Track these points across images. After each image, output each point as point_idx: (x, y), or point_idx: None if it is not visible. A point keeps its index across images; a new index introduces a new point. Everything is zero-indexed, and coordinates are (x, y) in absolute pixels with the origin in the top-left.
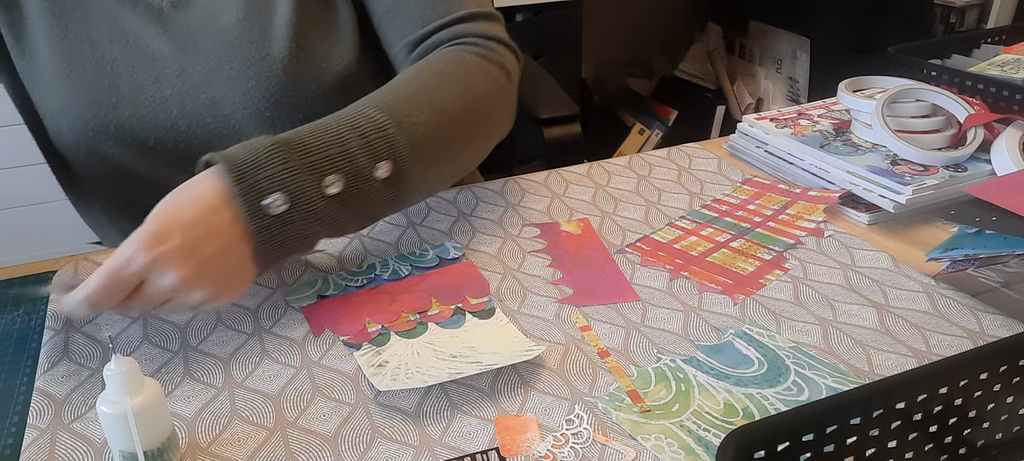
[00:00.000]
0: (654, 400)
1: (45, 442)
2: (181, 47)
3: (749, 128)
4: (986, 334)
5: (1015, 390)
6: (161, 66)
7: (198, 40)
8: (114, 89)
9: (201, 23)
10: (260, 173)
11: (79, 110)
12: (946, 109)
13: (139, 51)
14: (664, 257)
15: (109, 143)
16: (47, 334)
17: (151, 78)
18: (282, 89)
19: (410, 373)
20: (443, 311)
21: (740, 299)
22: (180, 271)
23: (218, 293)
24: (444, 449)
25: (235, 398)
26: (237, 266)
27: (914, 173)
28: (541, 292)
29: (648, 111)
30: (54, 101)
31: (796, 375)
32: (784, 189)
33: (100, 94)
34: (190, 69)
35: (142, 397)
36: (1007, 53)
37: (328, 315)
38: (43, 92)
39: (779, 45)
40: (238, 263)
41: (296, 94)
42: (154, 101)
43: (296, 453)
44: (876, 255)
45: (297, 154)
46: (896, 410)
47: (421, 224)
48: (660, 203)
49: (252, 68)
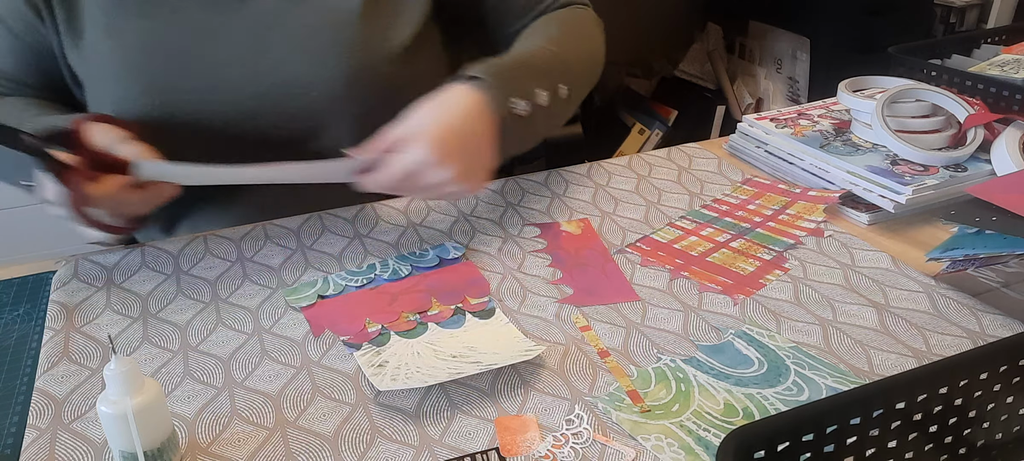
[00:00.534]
0: (654, 400)
1: (45, 442)
2: (252, 31)
3: (749, 128)
4: (986, 334)
5: (1015, 390)
6: (232, 50)
7: (270, 24)
8: (183, 74)
9: (271, 7)
10: (506, 86)
11: (145, 96)
12: (946, 109)
13: (207, 36)
14: (664, 257)
15: (173, 128)
16: (47, 334)
17: (221, 61)
18: (356, 68)
19: (410, 373)
20: (443, 311)
21: (740, 299)
22: (457, 168)
23: (474, 184)
24: (444, 449)
25: (235, 398)
26: (487, 161)
27: (914, 173)
28: (541, 292)
29: (648, 111)
30: (116, 89)
31: (796, 375)
32: (784, 189)
33: (169, 80)
34: (263, 52)
35: (142, 397)
36: (1007, 53)
37: (328, 315)
38: (102, 80)
39: (779, 45)
40: (487, 158)
41: (368, 71)
42: (225, 84)
43: (296, 453)
44: (876, 255)
45: (520, 73)
46: (896, 410)
47: (421, 224)
48: (660, 203)
49: (328, 50)
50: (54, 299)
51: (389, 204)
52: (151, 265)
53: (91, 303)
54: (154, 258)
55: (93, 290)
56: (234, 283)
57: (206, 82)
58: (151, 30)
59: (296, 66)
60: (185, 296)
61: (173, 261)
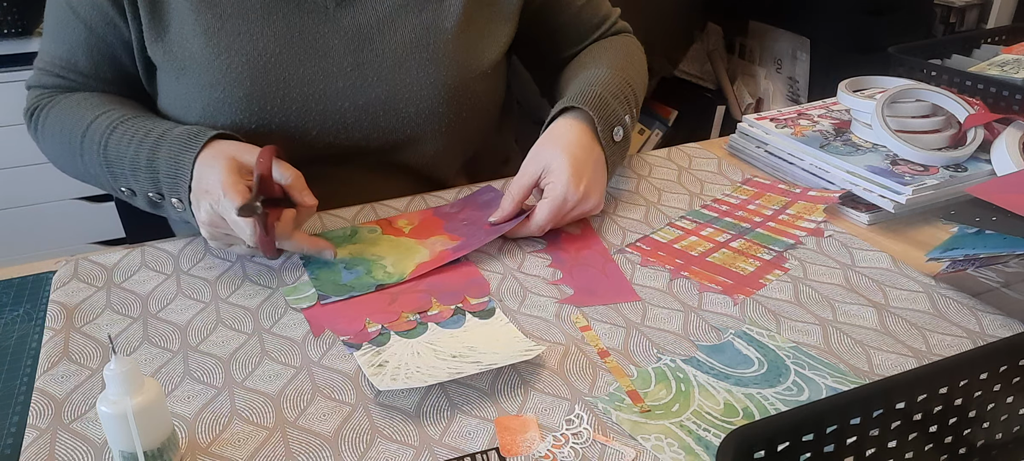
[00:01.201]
0: (654, 400)
1: (45, 442)
2: (354, 44)
3: (749, 128)
4: (986, 334)
5: (1015, 390)
6: (332, 62)
7: (372, 38)
8: (282, 84)
9: (372, 22)
10: (606, 115)
11: (241, 104)
12: (946, 109)
13: (308, 47)
14: (664, 257)
15: (267, 136)
16: (47, 334)
17: (322, 73)
18: (452, 85)
19: (410, 373)
20: (443, 311)
21: (740, 299)
22: (595, 196)
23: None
24: (444, 449)
25: (235, 398)
26: (605, 178)
27: (914, 173)
28: (541, 292)
29: (648, 111)
30: (212, 93)
31: (796, 375)
32: (784, 189)
33: (267, 89)
34: (365, 65)
35: (142, 397)
36: (1007, 53)
37: (328, 315)
38: (192, 80)
39: (779, 45)
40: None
41: (461, 87)
42: (325, 92)
43: (296, 453)
44: (876, 255)
45: (611, 101)
46: (896, 410)
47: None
48: (660, 203)
49: (427, 66)
50: (54, 299)
51: (389, 204)
52: (151, 265)
53: (91, 303)
54: (154, 258)
55: (93, 290)
56: (234, 283)
57: (309, 94)
58: (250, 35)
59: (395, 81)
60: (185, 296)
61: (173, 261)
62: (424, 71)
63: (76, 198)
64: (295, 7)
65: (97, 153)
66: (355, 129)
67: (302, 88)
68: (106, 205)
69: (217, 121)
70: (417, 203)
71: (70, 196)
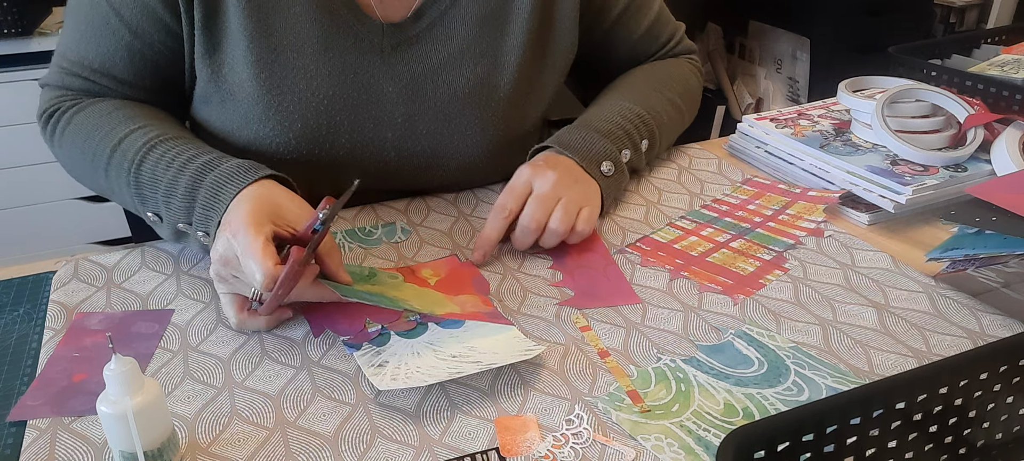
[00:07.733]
0: (654, 400)
1: (45, 442)
2: (406, 93)
3: (749, 128)
4: (986, 334)
5: (1015, 390)
6: (384, 108)
7: (424, 89)
8: (332, 124)
9: (427, 71)
10: (591, 154)
11: (290, 139)
12: (946, 109)
13: (361, 89)
14: (664, 257)
15: (309, 173)
16: (47, 334)
17: (372, 118)
18: (498, 143)
19: (410, 373)
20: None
21: (740, 299)
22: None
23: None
24: (444, 449)
25: (235, 398)
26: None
27: (914, 173)
28: (541, 292)
29: None
30: (256, 126)
31: (796, 375)
32: (784, 189)
33: (317, 133)
34: (416, 117)
35: (142, 397)
36: (1007, 53)
37: (328, 315)
38: (236, 114)
39: (779, 45)
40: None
41: (507, 145)
42: (373, 140)
43: (296, 453)
44: (876, 255)
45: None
46: (896, 410)
47: (421, 224)
48: (660, 203)
49: (475, 126)
50: (54, 299)
51: (389, 205)
52: (151, 265)
53: (91, 303)
54: (154, 258)
55: (93, 290)
56: None
57: (357, 142)
58: (305, 72)
59: (443, 136)
60: (185, 296)
61: (173, 261)
62: (472, 129)
63: (76, 198)
64: (351, 44)
65: (128, 171)
66: (396, 178)
67: (351, 135)
68: (106, 205)
69: (261, 152)
70: (417, 203)
71: (70, 196)
